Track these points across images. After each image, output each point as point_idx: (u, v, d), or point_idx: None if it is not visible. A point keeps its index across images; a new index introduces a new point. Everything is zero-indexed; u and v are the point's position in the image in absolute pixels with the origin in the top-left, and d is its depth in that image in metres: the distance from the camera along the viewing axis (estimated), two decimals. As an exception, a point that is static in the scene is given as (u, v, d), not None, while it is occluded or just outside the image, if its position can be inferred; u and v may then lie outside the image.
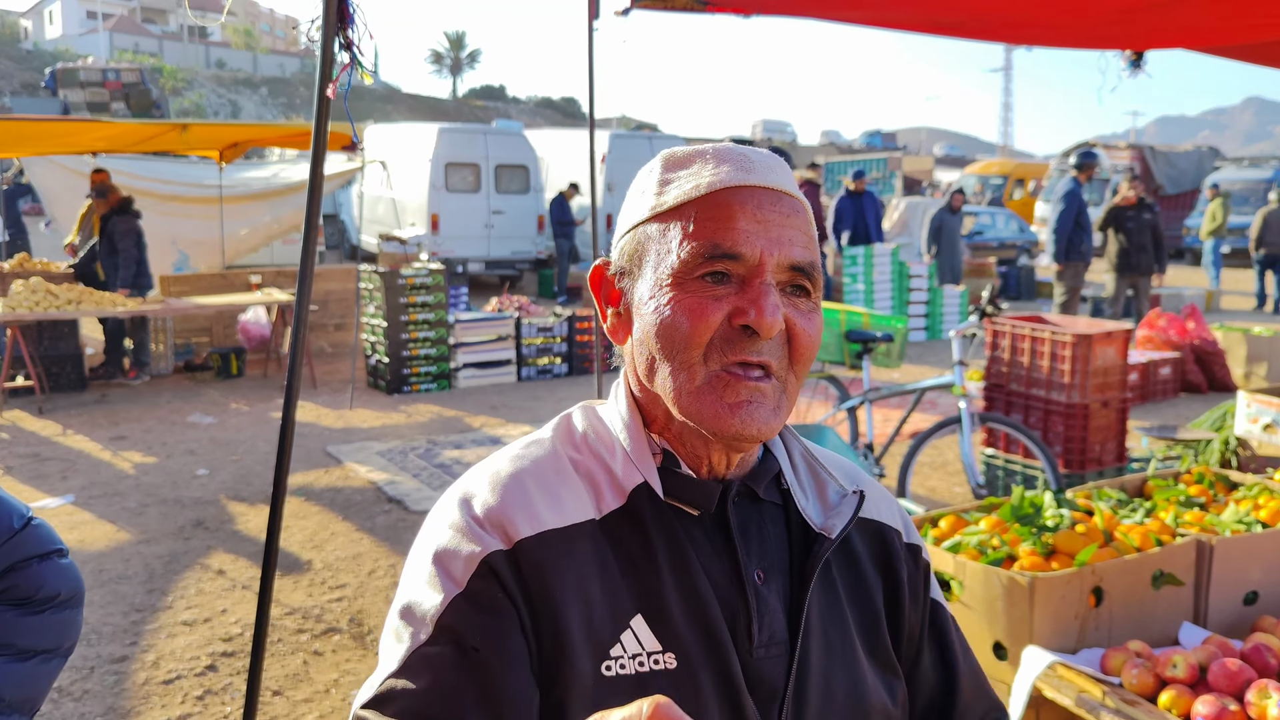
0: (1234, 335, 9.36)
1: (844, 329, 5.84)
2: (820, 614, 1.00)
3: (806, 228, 0.96)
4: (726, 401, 0.91)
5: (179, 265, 11.61)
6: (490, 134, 17.31)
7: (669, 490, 0.97)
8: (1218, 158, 26.58)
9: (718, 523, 0.98)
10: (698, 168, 0.96)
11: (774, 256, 0.92)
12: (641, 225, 0.98)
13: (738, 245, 0.91)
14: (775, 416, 0.92)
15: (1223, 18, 3.85)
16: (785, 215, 0.94)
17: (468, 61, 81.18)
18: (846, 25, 4.42)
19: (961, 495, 5.93)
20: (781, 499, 1.04)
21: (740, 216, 0.92)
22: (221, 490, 6.07)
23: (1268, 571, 2.64)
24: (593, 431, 1.02)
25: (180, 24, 71.16)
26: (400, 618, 0.92)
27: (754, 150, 0.98)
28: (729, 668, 0.92)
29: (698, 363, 0.92)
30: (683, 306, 0.92)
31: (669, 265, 0.93)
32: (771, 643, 0.96)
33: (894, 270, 12.45)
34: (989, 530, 2.71)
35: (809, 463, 1.07)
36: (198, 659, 3.96)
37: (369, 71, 1.92)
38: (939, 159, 48.77)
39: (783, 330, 0.93)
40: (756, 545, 0.99)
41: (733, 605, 0.95)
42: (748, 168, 0.95)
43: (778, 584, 0.99)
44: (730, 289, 0.92)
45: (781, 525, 1.02)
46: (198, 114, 46.49)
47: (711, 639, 0.93)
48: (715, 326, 0.91)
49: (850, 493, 1.04)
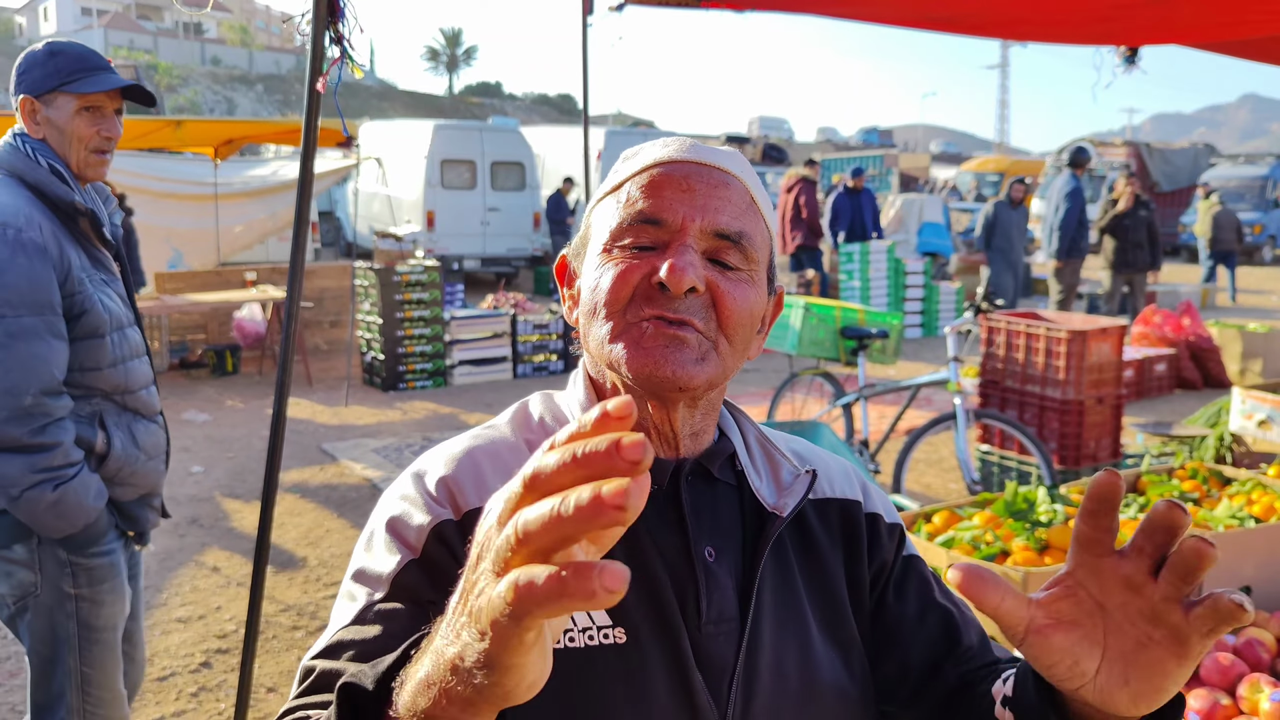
0: (1229, 332, 9.37)
1: (839, 325, 5.84)
2: (773, 592, 1.01)
3: (739, 200, 0.97)
4: (643, 345, 0.92)
5: (173, 263, 11.58)
6: (486, 131, 17.31)
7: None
8: (1213, 155, 26.62)
9: (670, 500, 0.99)
10: (645, 152, 1.01)
11: (696, 222, 0.94)
12: (592, 209, 1.03)
13: (660, 211, 0.94)
14: (699, 365, 0.93)
15: (1217, 13, 3.85)
16: (714, 186, 0.96)
17: (464, 58, 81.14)
18: (842, 21, 4.42)
19: (957, 492, 5.93)
20: (736, 479, 1.05)
21: (667, 186, 0.95)
22: (216, 487, 6.06)
23: (1261, 566, 2.64)
24: (549, 415, 1.05)
25: (175, 21, 71.04)
26: (354, 580, 0.94)
27: (703, 144, 1.02)
28: (678, 643, 0.93)
29: (617, 315, 0.94)
30: (607, 270, 0.95)
31: (604, 235, 0.98)
32: (721, 619, 0.97)
33: (890, 267, 12.46)
34: (983, 526, 2.72)
35: (763, 445, 1.09)
36: (192, 656, 3.96)
37: (360, 66, 1.91)
38: (935, 156, 48.78)
39: (707, 294, 0.94)
40: (709, 523, 1.00)
41: (683, 582, 0.96)
42: (689, 148, 0.99)
43: (729, 562, 0.99)
44: (654, 254, 0.94)
45: (735, 505, 1.03)
46: (193, 111, 46.40)
47: (660, 614, 0.94)
48: (634, 284, 0.94)
49: (803, 473, 1.05)
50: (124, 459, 2.35)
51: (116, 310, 2.34)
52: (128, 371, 2.36)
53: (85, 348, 2.26)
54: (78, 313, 2.24)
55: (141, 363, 2.43)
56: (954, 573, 0.77)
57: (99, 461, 2.32)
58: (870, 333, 5.71)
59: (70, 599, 2.29)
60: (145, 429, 2.45)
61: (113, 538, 2.38)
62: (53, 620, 2.30)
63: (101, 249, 2.35)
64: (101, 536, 2.32)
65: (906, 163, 32.14)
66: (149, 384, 2.47)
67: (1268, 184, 23.35)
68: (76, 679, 2.32)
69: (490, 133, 17.19)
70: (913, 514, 2.89)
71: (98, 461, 2.31)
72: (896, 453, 5.29)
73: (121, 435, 2.36)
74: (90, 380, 2.30)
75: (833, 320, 5.87)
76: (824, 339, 5.86)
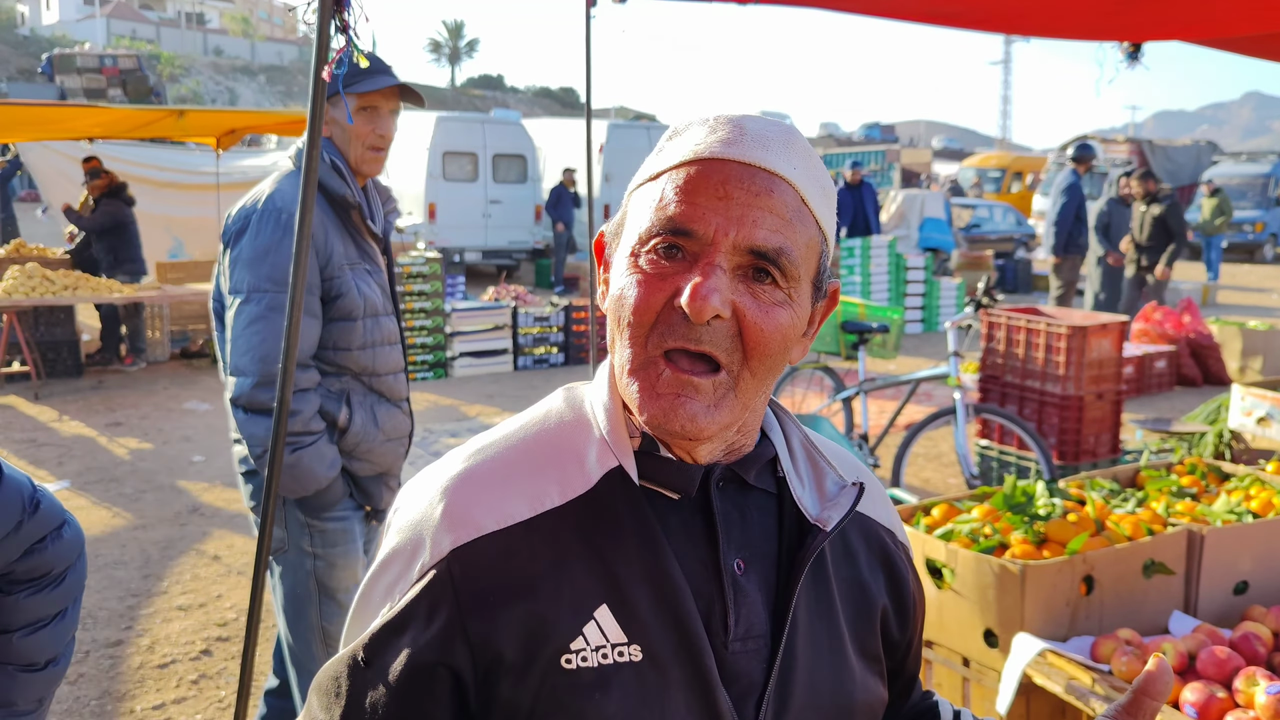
0: (1229, 329, 9.37)
1: (840, 320, 5.85)
2: (809, 608, 0.95)
3: (784, 207, 0.87)
4: (656, 390, 0.87)
5: (174, 252, 11.59)
6: (488, 123, 17.29)
7: (646, 474, 0.92)
8: (1216, 152, 26.58)
9: (699, 508, 0.93)
10: (691, 134, 0.91)
11: (729, 236, 0.85)
12: (632, 192, 0.95)
13: (690, 221, 0.85)
14: (710, 415, 0.87)
15: (1220, 9, 3.85)
16: (755, 194, 0.86)
17: (466, 51, 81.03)
18: (844, 15, 4.42)
19: (956, 486, 5.95)
20: (776, 487, 0.99)
21: (702, 191, 0.86)
22: (217, 476, 6.07)
23: (1258, 561, 2.65)
24: (571, 414, 0.98)
25: (178, 11, 70.95)
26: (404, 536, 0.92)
27: (759, 122, 0.92)
28: (701, 660, 0.88)
29: (639, 343, 0.88)
30: (632, 282, 0.88)
31: (634, 235, 0.90)
32: (749, 636, 0.92)
33: (891, 262, 12.46)
34: (981, 519, 2.73)
35: (808, 451, 1.02)
36: (192, 644, 3.97)
37: (365, 54, 1.92)
38: (937, 151, 48.68)
39: (733, 320, 0.86)
40: (739, 533, 0.94)
41: (709, 595, 0.91)
42: (735, 140, 0.88)
43: (760, 574, 0.94)
44: (682, 266, 0.86)
45: (772, 514, 0.97)
46: (195, 101, 46.35)
47: (682, 630, 0.88)
48: (658, 308, 0.86)
49: (850, 484, 0.99)
50: (362, 436, 2.53)
51: (374, 298, 2.53)
52: (375, 356, 2.55)
53: (338, 329, 2.47)
54: (334, 296, 2.45)
55: (394, 350, 2.61)
56: (1154, 662, 0.92)
57: (339, 435, 2.50)
58: (870, 327, 5.72)
59: (309, 557, 2.49)
60: (388, 412, 2.61)
61: (347, 506, 2.55)
62: (295, 576, 2.52)
63: (369, 241, 2.57)
64: (335, 503, 2.50)
65: (908, 158, 32.10)
66: (398, 371, 2.65)
67: (1270, 182, 23.31)
68: (319, 634, 2.52)
69: (492, 125, 17.18)
70: (911, 507, 2.90)
71: (338, 435, 2.50)
72: (896, 447, 5.30)
73: (363, 414, 2.54)
74: (341, 359, 2.51)
75: (833, 314, 5.87)
76: (824, 333, 5.87)
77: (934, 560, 2.58)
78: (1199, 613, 2.58)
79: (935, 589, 2.57)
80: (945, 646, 2.60)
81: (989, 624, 2.45)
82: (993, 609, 2.43)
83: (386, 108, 2.49)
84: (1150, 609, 2.52)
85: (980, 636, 2.47)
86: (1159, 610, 2.53)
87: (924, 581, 2.60)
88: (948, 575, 2.54)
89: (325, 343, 2.48)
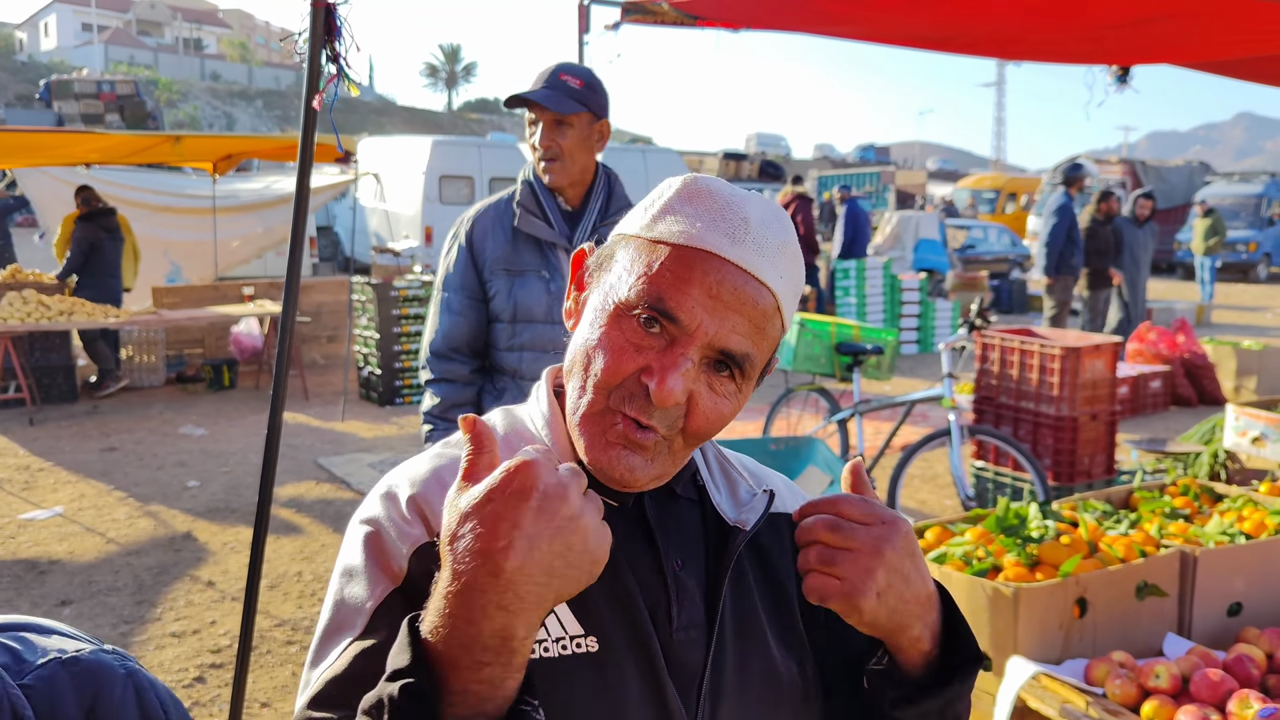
0: (1224, 349, 9.40)
1: (834, 341, 5.86)
2: (733, 601, 1.05)
3: (761, 319, 0.94)
4: (606, 437, 0.94)
5: (171, 276, 11.59)
6: (484, 146, 17.37)
7: (590, 483, 0.96)
8: (1209, 173, 26.73)
9: (636, 516, 1.02)
10: (695, 212, 0.95)
11: (708, 335, 0.92)
12: (627, 238, 0.99)
13: (679, 310, 0.91)
14: (646, 469, 0.95)
15: (1207, 34, 3.89)
16: (742, 301, 0.93)
17: (463, 74, 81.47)
18: (837, 40, 4.46)
19: (952, 508, 5.94)
20: (697, 495, 1.08)
21: (697, 285, 0.92)
22: (212, 502, 6.06)
23: (1251, 583, 2.65)
24: (513, 431, 1.06)
25: (175, 36, 71.32)
26: (335, 611, 0.95)
27: (762, 212, 0.96)
28: (650, 649, 0.97)
29: (601, 395, 0.94)
30: (608, 341, 0.94)
31: (620, 292, 0.94)
32: (690, 625, 1.01)
33: (886, 283, 12.49)
34: (974, 541, 2.73)
35: (721, 463, 1.13)
36: (186, 670, 3.95)
37: (355, 83, 1.94)
38: (932, 173, 48.91)
39: (685, 403, 0.93)
40: (675, 536, 1.04)
41: (654, 591, 1.00)
42: (738, 238, 0.93)
43: (694, 572, 1.04)
44: (657, 342, 0.93)
45: (697, 520, 1.07)
46: (193, 126, 46.53)
47: (633, 622, 0.97)
48: (626, 374, 0.93)
49: (760, 491, 1.09)
50: None
51: (529, 304, 2.66)
52: (522, 359, 2.69)
53: (492, 329, 2.70)
54: (488, 297, 2.67)
55: (546, 357, 2.69)
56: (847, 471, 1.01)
57: None
58: (865, 349, 5.73)
59: None
60: None
61: None
62: None
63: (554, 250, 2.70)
64: None
65: (903, 179, 32.22)
66: None
67: (1263, 201, 23.44)
68: None
69: (488, 148, 17.25)
70: (905, 529, 2.90)
71: None
72: (891, 469, 5.29)
73: None
74: (494, 358, 2.72)
75: (828, 336, 5.89)
76: (819, 355, 5.88)
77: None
78: (1193, 634, 2.58)
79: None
80: (940, 670, 2.59)
81: (982, 647, 2.44)
82: (986, 632, 2.42)
83: (545, 119, 2.60)
84: (1144, 631, 2.52)
85: (974, 660, 2.46)
86: (1153, 632, 2.53)
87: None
88: (941, 598, 2.54)
89: (488, 341, 2.72)
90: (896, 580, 0.93)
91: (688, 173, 1.03)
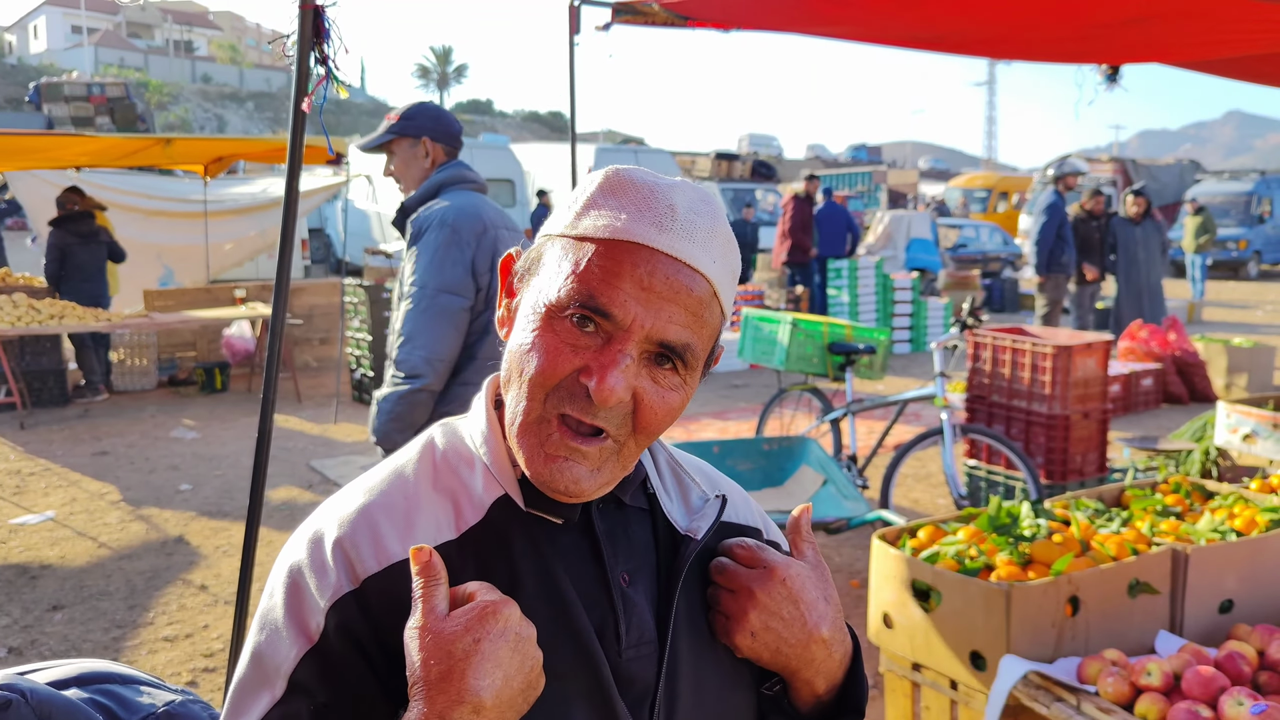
0: (1215, 346, 9.43)
1: (827, 341, 5.86)
2: (686, 614, 1.01)
3: (698, 306, 0.91)
4: (545, 450, 0.91)
5: (164, 280, 11.57)
6: (476, 148, 17.37)
7: (531, 500, 0.97)
8: (1198, 171, 26.82)
9: (583, 529, 0.99)
10: (619, 204, 0.92)
11: (644, 328, 0.89)
12: (552, 237, 0.95)
13: (611, 306, 0.88)
14: (593, 478, 0.91)
15: (1195, 34, 3.90)
16: (675, 290, 0.89)
17: (454, 76, 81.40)
18: (828, 40, 4.46)
19: (945, 507, 5.95)
20: (647, 503, 1.05)
21: (627, 278, 0.88)
22: (205, 505, 6.04)
23: (1243, 580, 2.66)
24: (452, 449, 1.02)
25: (166, 39, 71.11)
26: (253, 665, 0.93)
27: (688, 198, 0.93)
28: (598, 671, 0.93)
29: (536, 400, 0.91)
30: (542, 343, 0.90)
31: (550, 294, 0.91)
32: (641, 642, 0.97)
33: (878, 283, 12.51)
34: (967, 540, 2.73)
35: (673, 468, 1.09)
36: (179, 675, 3.94)
37: (344, 85, 1.93)
38: (924, 172, 48.97)
39: (630, 401, 0.90)
40: (624, 549, 1.00)
41: (601, 609, 0.96)
42: (665, 226, 0.90)
43: (644, 585, 1.00)
44: (593, 341, 0.90)
45: (648, 529, 1.04)
46: (184, 128, 46.43)
47: (578, 644, 0.93)
48: (562, 375, 0.90)
49: (713, 497, 1.07)
50: None
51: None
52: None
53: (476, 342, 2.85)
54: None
55: None
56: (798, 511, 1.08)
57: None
58: (857, 348, 5.73)
59: None
60: None
61: None
62: None
63: None
64: None
65: (895, 179, 32.25)
66: None
67: (1253, 199, 23.53)
68: None
69: (480, 150, 17.25)
70: (897, 529, 2.90)
71: None
72: (884, 468, 5.30)
73: None
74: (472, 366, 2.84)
75: (820, 336, 5.89)
76: (811, 355, 5.88)
77: (920, 583, 2.58)
78: (1185, 632, 2.59)
79: (922, 612, 2.57)
80: (933, 669, 2.60)
81: (976, 646, 2.45)
82: (979, 631, 2.43)
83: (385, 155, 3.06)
84: (1136, 629, 2.52)
85: (967, 659, 2.47)
86: (1145, 630, 2.54)
87: (910, 604, 2.60)
88: (934, 598, 2.54)
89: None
90: (774, 622, 0.99)
91: (677, 172, 1.01)
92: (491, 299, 2.82)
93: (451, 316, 2.75)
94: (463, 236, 2.79)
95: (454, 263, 2.76)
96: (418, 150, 2.98)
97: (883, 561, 2.70)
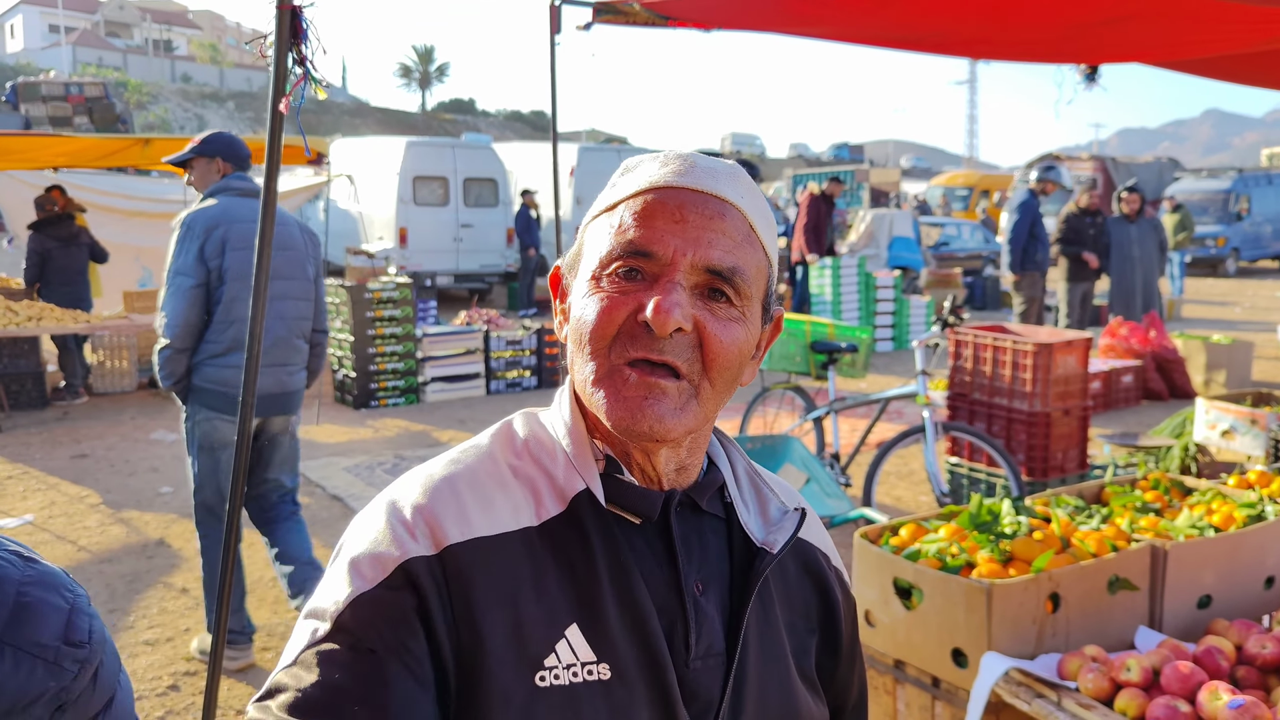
0: (1194, 343, 9.51)
1: (809, 340, 5.88)
2: (757, 627, 1.00)
3: (736, 231, 0.93)
4: (622, 395, 0.90)
5: (143, 281, 11.47)
6: (458, 148, 17.30)
7: (611, 497, 0.96)
8: (1177, 169, 27.02)
9: (659, 532, 0.97)
10: (644, 169, 0.97)
11: (687, 257, 0.90)
12: (588, 223, 0.99)
13: (650, 243, 0.91)
14: (677, 416, 0.91)
15: (1173, 33, 3.93)
16: (709, 218, 0.92)
17: (436, 75, 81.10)
18: (809, 40, 4.47)
19: (927, 504, 5.98)
20: (724, 512, 1.04)
21: (660, 215, 0.91)
22: (185, 508, 5.99)
23: (1220, 576, 2.68)
24: (534, 438, 1.01)
25: (145, 38, 70.60)
26: (305, 615, 0.90)
27: (707, 158, 0.97)
28: (664, 678, 0.92)
29: (601, 355, 0.92)
30: (594, 303, 0.92)
31: (594, 261, 0.94)
32: (709, 654, 0.96)
33: (860, 281, 12.55)
34: (948, 538, 2.74)
35: (752, 478, 1.08)
36: (159, 679, 3.91)
37: (323, 85, 1.92)
38: (906, 171, 49.16)
39: (694, 333, 0.91)
40: (698, 556, 0.99)
41: (672, 615, 0.95)
42: (686, 171, 0.94)
43: (716, 595, 0.99)
44: (642, 285, 0.91)
45: (723, 538, 1.02)
46: (163, 128, 46.05)
47: (648, 649, 0.92)
48: (619, 322, 0.91)
49: (791, 510, 1.05)
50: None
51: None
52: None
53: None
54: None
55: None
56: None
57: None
58: (840, 347, 5.75)
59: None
60: None
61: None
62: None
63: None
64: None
65: (877, 178, 32.35)
66: None
67: (1230, 197, 23.74)
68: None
69: (463, 149, 17.19)
70: (879, 527, 2.91)
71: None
72: (867, 465, 5.32)
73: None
74: (213, 328, 3.80)
75: (803, 335, 5.90)
76: (794, 353, 5.89)
77: (902, 581, 2.59)
78: (1164, 627, 2.61)
79: (904, 609, 2.58)
80: (915, 666, 2.61)
81: (957, 644, 2.46)
82: (961, 629, 2.44)
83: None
84: (1116, 625, 2.54)
85: (949, 656, 2.48)
86: (1125, 626, 2.55)
87: (892, 602, 2.61)
88: (916, 596, 2.55)
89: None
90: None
91: None
92: (224, 276, 3.65)
93: (184, 294, 3.60)
94: (194, 231, 3.63)
95: (185, 252, 3.61)
96: (212, 166, 3.86)
97: (865, 559, 2.71)
